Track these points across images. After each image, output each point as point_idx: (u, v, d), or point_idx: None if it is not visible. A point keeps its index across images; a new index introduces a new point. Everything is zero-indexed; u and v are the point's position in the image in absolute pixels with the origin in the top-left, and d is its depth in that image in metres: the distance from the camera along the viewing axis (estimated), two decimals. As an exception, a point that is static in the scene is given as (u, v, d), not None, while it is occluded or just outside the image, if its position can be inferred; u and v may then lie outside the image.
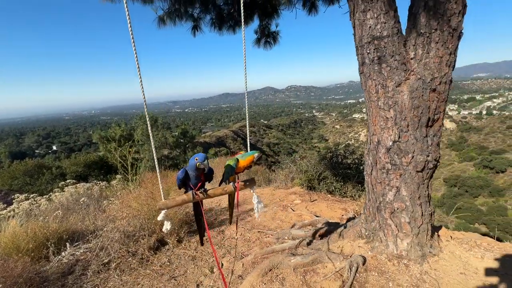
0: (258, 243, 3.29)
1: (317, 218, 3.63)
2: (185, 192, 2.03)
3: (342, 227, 2.96)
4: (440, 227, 2.74)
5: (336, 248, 2.57)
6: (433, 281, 2.02)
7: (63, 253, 3.52)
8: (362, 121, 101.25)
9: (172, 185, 7.79)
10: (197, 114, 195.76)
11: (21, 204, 5.88)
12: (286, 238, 3.15)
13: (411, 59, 2.09)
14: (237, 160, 2.05)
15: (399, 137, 2.16)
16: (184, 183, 2.02)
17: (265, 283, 2.33)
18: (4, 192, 10.94)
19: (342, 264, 2.34)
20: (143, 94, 1.69)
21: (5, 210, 5.49)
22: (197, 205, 2.17)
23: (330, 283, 2.19)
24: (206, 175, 2.02)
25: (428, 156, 2.14)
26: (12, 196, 7.05)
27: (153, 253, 3.24)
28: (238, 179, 2.11)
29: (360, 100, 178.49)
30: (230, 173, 2.05)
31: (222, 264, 2.93)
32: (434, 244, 2.32)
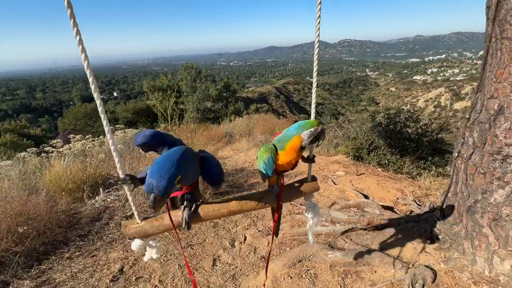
0: (289, 218, 2.81)
1: (365, 199, 2.95)
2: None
3: (401, 220, 2.26)
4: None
5: (391, 249, 1.94)
6: (552, 334, 1.31)
7: (97, 197, 3.56)
8: (424, 84, 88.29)
9: (210, 140, 7.65)
10: (241, 68, 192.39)
11: (75, 144, 6.31)
12: (323, 219, 2.59)
13: None
14: (275, 148, 1.23)
15: (549, 105, 1.24)
16: (150, 151, 1.18)
17: (291, 277, 1.88)
18: (67, 131, 12.33)
19: (399, 273, 1.72)
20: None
21: (61, 148, 5.93)
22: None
23: (379, 297, 1.63)
24: (203, 176, 1.15)
25: None
26: (69, 136, 7.71)
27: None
28: (282, 179, 1.35)
29: (426, 59, 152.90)
30: (267, 173, 1.23)
31: (245, 238, 2.56)
32: (557, 274, 1.52)
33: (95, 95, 0.97)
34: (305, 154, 1.42)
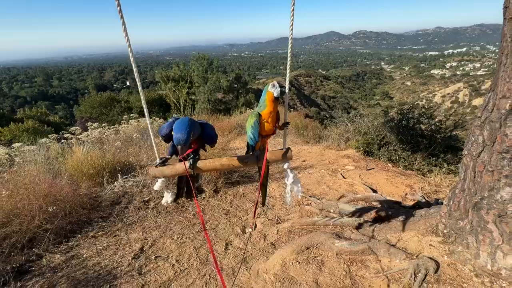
0: (298, 209, 2.92)
1: (373, 193, 3.01)
2: (170, 154, 1.66)
3: (408, 213, 2.32)
4: None
5: (396, 240, 2.02)
6: (549, 325, 1.37)
7: (115, 182, 3.77)
8: (442, 79, 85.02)
9: (221, 131, 7.78)
10: (252, 59, 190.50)
11: (92, 132, 6.60)
12: (331, 211, 2.68)
13: None
14: (258, 114, 1.54)
15: (560, 106, 1.27)
16: (170, 139, 1.58)
17: (299, 262, 2.00)
18: (84, 119, 12.79)
19: (403, 264, 1.81)
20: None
21: (81, 135, 6.23)
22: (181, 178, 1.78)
23: (382, 284, 1.73)
24: (202, 136, 1.54)
25: None
26: (86, 124, 8.03)
27: (189, 200, 3.19)
28: (267, 145, 1.63)
29: (446, 52, 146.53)
30: (254, 137, 1.56)
31: (256, 225, 2.70)
32: (559, 270, 1.57)
33: (138, 84, 1.23)
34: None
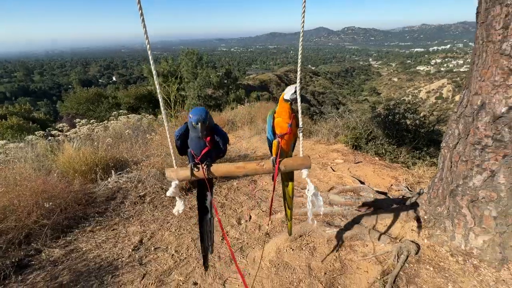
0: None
1: (361, 185, 3.18)
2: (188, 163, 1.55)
3: (393, 202, 2.50)
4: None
5: (382, 227, 2.18)
6: (512, 295, 1.56)
7: (109, 179, 3.79)
8: (427, 75, 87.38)
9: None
10: (242, 54, 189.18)
11: (81, 129, 6.50)
12: (323, 205, 2.83)
13: None
14: (274, 110, 1.61)
15: (523, 102, 1.43)
16: (183, 146, 1.53)
17: (293, 249, 2.13)
18: (71, 115, 12.47)
19: (387, 247, 1.97)
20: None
21: (69, 132, 6.13)
22: (201, 188, 1.63)
23: (369, 266, 1.89)
24: (214, 138, 1.48)
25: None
26: (74, 121, 7.88)
27: (184, 193, 3.27)
28: (281, 141, 1.59)
29: (431, 49, 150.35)
30: (268, 132, 1.61)
31: (250, 217, 2.81)
32: (523, 248, 1.77)
33: (155, 79, 1.25)
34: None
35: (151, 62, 1.22)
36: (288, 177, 1.79)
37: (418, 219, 2.11)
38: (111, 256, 2.19)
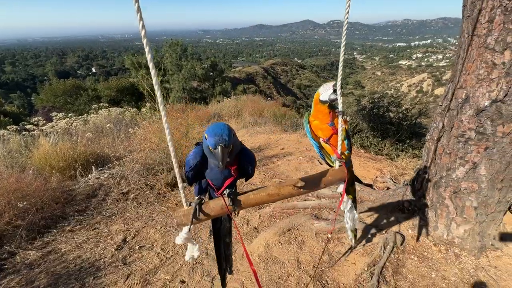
0: (279, 195, 3.05)
1: (348, 177, 3.22)
2: (198, 194, 1.23)
3: (378, 194, 2.54)
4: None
5: (367, 219, 2.22)
6: (490, 280, 1.63)
7: (89, 175, 3.62)
8: (408, 69, 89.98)
9: (196, 120, 7.65)
10: (228, 46, 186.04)
11: (58, 123, 6.16)
12: (310, 195, 2.84)
13: None
14: (308, 115, 1.49)
15: (505, 96, 1.46)
16: (198, 176, 1.18)
17: (281, 243, 2.12)
18: (47, 108, 11.78)
19: (374, 238, 2.01)
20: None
21: (45, 126, 5.79)
22: (218, 222, 1.43)
23: (356, 258, 1.91)
24: (240, 163, 1.13)
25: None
26: (50, 114, 7.45)
27: (170, 189, 3.18)
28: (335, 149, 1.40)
29: (412, 44, 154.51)
30: (308, 134, 1.48)
31: (238, 213, 2.78)
32: (499, 237, 1.85)
33: (152, 72, 0.89)
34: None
35: (148, 56, 0.87)
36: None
37: (402, 210, 2.16)
38: (92, 257, 2.09)
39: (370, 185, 3.18)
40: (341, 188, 1.41)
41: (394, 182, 3.05)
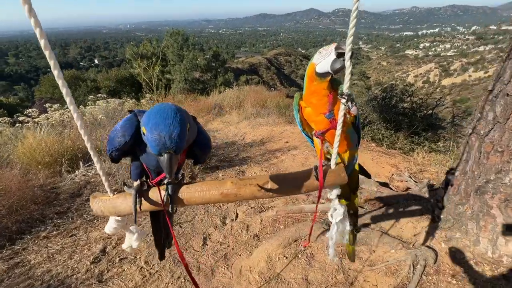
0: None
1: (361, 176, 2.85)
2: (137, 178, 0.97)
3: (400, 197, 2.18)
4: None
5: (390, 228, 1.86)
6: (553, 315, 1.28)
7: (76, 171, 3.32)
8: (415, 59, 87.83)
9: (199, 112, 7.28)
10: (231, 36, 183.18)
11: (53, 114, 5.86)
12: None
13: None
14: (299, 94, 1.07)
15: None
16: (126, 154, 0.91)
17: (286, 257, 1.79)
18: (44, 100, 11.50)
19: (399, 254, 1.65)
20: None
21: (38, 118, 5.48)
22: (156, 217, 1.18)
23: (378, 278, 1.57)
24: (191, 148, 0.89)
25: None
26: (45, 105, 7.14)
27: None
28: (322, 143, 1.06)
29: (420, 33, 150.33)
30: (298, 124, 1.13)
31: (237, 215, 2.45)
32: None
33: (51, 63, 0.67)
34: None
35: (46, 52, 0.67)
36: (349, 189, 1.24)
37: (433, 219, 1.80)
38: (64, 272, 1.78)
39: (386, 184, 2.82)
40: (334, 194, 1.05)
41: (415, 182, 2.68)
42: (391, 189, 2.68)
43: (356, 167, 1.22)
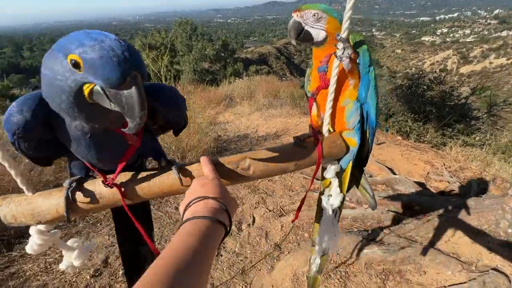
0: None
1: (393, 175, 2.51)
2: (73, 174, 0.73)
3: (449, 202, 1.84)
4: None
5: (442, 243, 1.54)
6: None
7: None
8: (432, 46, 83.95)
9: (209, 103, 7.00)
10: (240, 26, 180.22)
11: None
12: (347, 199, 2.18)
13: None
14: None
15: None
16: (49, 147, 0.64)
17: (316, 276, 1.50)
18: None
19: (458, 277, 1.34)
20: None
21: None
22: (124, 227, 0.91)
23: (434, 308, 1.27)
24: (156, 111, 0.66)
25: None
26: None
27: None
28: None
29: (437, 18, 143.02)
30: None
31: (254, 219, 2.18)
32: None
33: None
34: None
35: None
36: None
37: (497, 233, 1.46)
38: (60, 287, 1.57)
39: (421, 184, 2.47)
40: (332, 171, 0.87)
41: (461, 184, 2.31)
42: (428, 190, 2.34)
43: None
